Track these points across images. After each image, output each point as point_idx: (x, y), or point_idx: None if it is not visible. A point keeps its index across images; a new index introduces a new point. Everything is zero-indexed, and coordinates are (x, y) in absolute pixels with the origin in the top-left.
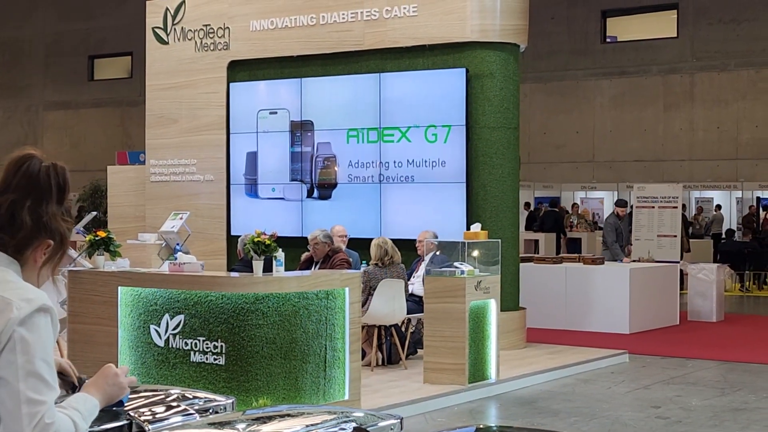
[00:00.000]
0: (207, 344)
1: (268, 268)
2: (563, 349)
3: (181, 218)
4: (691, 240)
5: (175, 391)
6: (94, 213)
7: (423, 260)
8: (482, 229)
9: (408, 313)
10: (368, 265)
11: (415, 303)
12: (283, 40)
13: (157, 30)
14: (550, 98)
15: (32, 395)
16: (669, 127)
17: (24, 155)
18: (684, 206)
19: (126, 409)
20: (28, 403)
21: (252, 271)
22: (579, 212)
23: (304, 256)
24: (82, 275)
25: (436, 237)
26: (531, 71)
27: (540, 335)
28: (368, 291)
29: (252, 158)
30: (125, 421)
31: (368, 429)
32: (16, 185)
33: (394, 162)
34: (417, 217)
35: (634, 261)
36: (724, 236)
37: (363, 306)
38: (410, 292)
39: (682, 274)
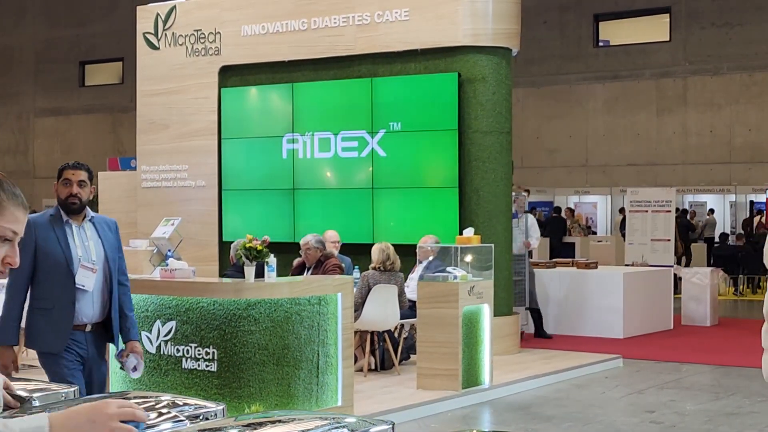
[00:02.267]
0: (199, 351)
1: (259, 273)
2: (557, 354)
3: (172, 224)
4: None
5: (166, 398)
6: None
7: (419, 264)
8: (475, 233)
9: (401, 319)
10: (368, 269)
11: (408, 308)
12: (275, 45)
13: (147, 35)
14: (542, 103)
15: None
16: (662, 131)
17: None
18: (686, 211)
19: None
20: None
21: (244, 277)
22: (574, 216)
23: (296, 261)
24: None
25: (438, 243)
26: (523, 76)
27: (533, 340)
28: (368, 294)
29: (243, 164)
30: None
31: None
32: None
33: (387, 167)
34: (410, 222)
35: (627, 265)
36: (717, 240)
37: (361, 309)
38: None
39: (676, 278)
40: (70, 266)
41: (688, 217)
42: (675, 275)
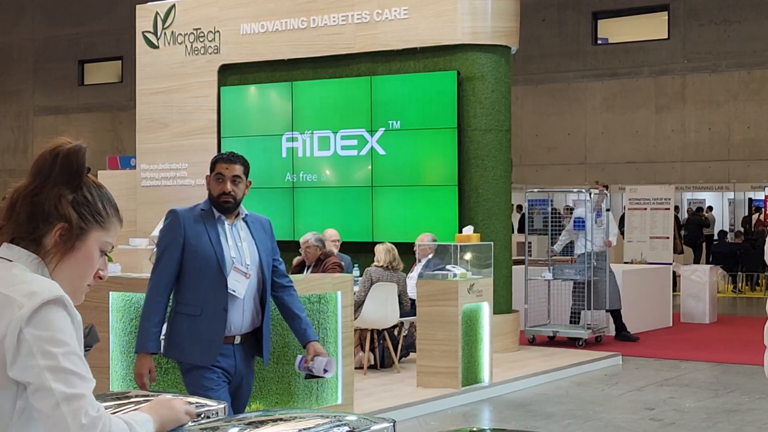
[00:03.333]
0: None
1: None
2: (556, 352)
3: None
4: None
5: (167, 397)
6: None
7: (418, 262)
8: (474, 231)
9: (400, 316)
10: (368, 266)
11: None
12: (274, 43)
13: (147, 34)
14: (541, 100)
15: (68, 390)
16: (661, 129)
17: (49, 145)
18: (700, 209)
19: (120, 414)
20: (67, 401)
21: None
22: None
23: (295, 260)
24: None
25: (435, 240)
26: (522, 73)
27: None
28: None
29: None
30: None
31: None
32: (30, 174)
33: (386, 165)
34: (409, 221)
35: (626, 263)
36: (716, 238)
37: (361, 306)
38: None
39: (675, 276)
40: (222, 268)
41: (687, 215)
42: (674, 273)
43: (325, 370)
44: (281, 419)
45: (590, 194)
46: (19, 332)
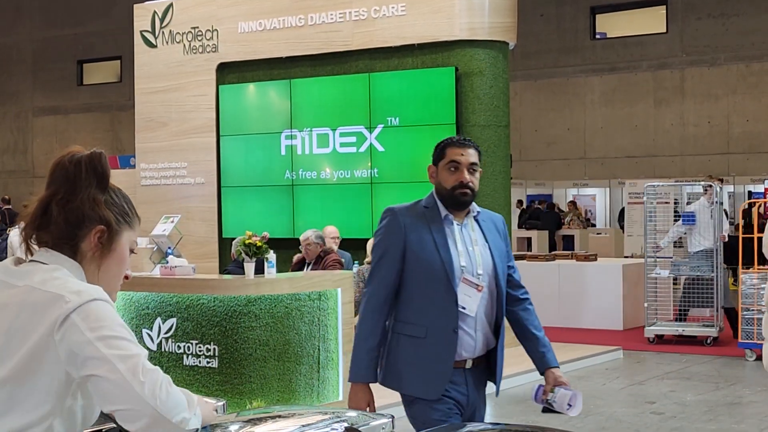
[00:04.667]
0: (200, 347)
1: (260, 270)
2: (557, 347)
3: (172, 222)
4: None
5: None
6: None
7: None
8: None
9: None
10: (360, 264)
11: None
12: (272, 41)
13: (145, 33)
14: (540, 96)
15: (121, 352)
16: (660, 123)
17: (63, 153)
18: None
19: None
20: (122, 360)
21: (244, 273)
22: (576, 209)
23: (296, 257)
24: None
25: None
26: (521, 69)
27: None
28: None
29: (242, 160)
30: (113, 426)
31: (360, 428)
32: (50, 183)
33: (385, 162)
34: None
35: (626, 257)
36: None
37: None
38: None
39: None
40: (450, 279)
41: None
42: None
43: (569, 405)
44: (281, 416)
45: (719, 187)
46: (65, 318)
